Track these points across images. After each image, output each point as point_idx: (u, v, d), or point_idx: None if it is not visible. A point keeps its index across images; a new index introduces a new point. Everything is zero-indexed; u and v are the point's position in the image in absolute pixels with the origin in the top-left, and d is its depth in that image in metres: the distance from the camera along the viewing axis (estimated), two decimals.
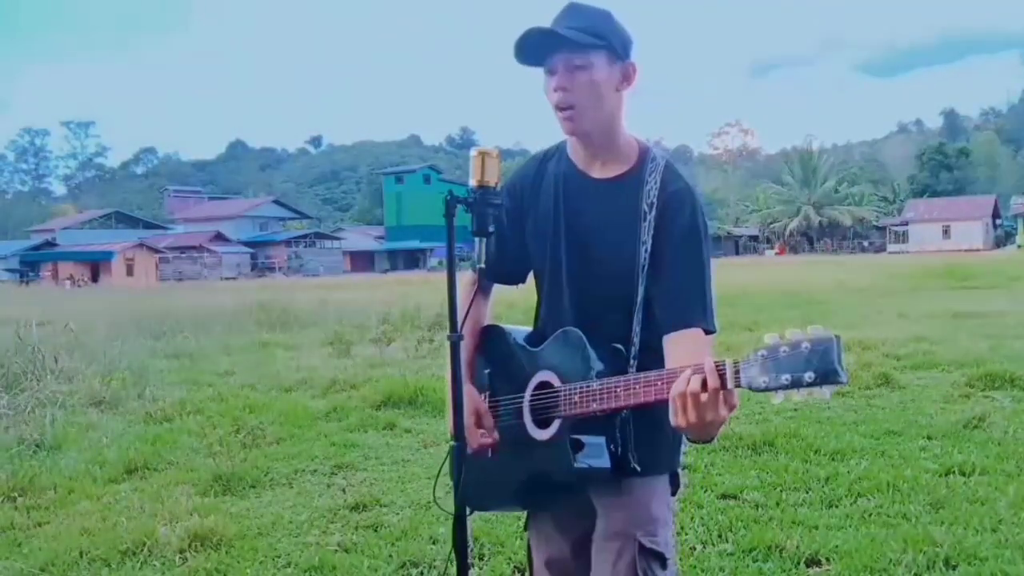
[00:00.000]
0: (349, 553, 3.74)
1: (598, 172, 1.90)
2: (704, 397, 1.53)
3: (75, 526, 4.14)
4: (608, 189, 1.89)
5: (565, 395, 1.78)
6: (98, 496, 4.69)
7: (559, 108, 1.82)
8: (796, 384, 1.44)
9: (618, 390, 1.68)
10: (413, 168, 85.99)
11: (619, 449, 1.79)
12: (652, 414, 1.82)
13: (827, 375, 1.42)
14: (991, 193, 69.95)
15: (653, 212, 1.82)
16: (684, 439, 1.93)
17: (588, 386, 1.74)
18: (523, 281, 2.09)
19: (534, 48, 1.80)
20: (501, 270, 1.92)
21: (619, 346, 1.82)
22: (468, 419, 1.93)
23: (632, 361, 1.81)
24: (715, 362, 1.54)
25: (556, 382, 1.83)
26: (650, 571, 1.84)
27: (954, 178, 75.06)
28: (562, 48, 1.78)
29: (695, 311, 1.79)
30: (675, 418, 1.57)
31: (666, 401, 1.59)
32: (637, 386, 1.66)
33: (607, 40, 1.79)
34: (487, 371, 2.04)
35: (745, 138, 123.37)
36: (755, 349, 1.50)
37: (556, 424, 1.81)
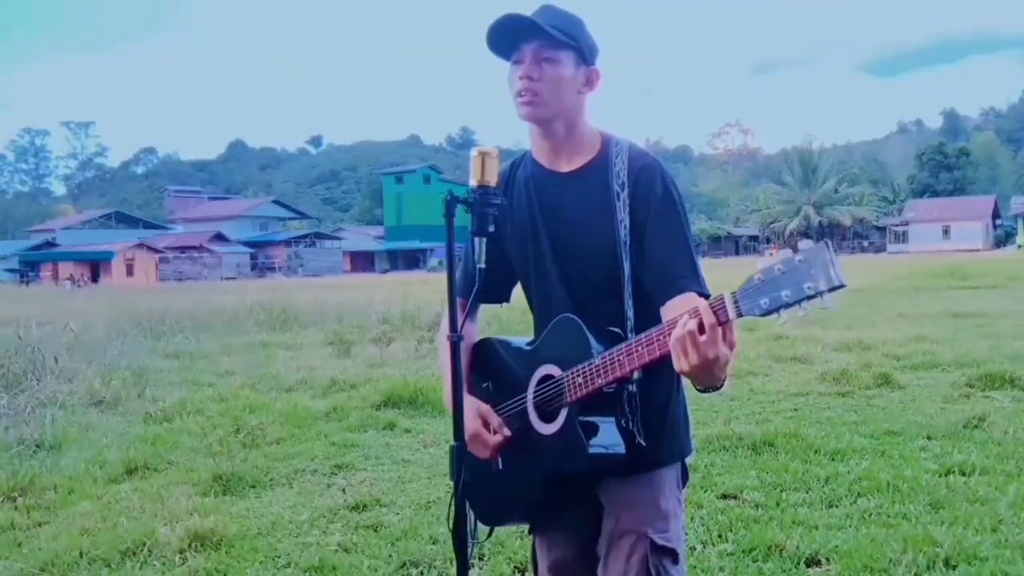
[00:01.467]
0: (349, 553, 3.74)
1: (565, 166, 1.92)
2: (703, 337, 1.52)
3: (75, 526, 4.14)
4: (578, 179, 1.90)
5: (569, 380, 1.77)
6: (98, 496, 4.69)
7: (520, 94, 1.83)
8: (797, 297, 1.44)
9: (621, 357, 1.68)
10: (413, 168, 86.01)
11: (630, 424, 1.78)
12: (659, 400, 1.84)
13: (826, 280, 1.42)
14: (991, 193, 70.04)
15: (626, 191, 1.84)
16: (692, 425, 1.95)
17: (591, 363, 1.72)
18: (507, 299, 2.09)
19: (508, 34, 1.81)
20: (484, 288, 1.86)
21: (616, 329, 1.81)
22: (475, 423, 1.91)
23: (629, 337, 1.80)
24: (710, 301, 1.55)
25: (558, 372, 1.82)
26: (662, 568, 1.83)
27: (954, 178, 75.07)
28: (534, 38, 1.80)
29: (686, 276, 1.79)
30: (677, 363, 1.56)
31: (669, 356, 1.58)
32: (639, 347, 1.65)
33: (577, 42, 1.82)
34: (486, 384, 2.02)
35: (745, 138, 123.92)
36: (749, 276, 1.49)
37: (563, 414, 1.79)
